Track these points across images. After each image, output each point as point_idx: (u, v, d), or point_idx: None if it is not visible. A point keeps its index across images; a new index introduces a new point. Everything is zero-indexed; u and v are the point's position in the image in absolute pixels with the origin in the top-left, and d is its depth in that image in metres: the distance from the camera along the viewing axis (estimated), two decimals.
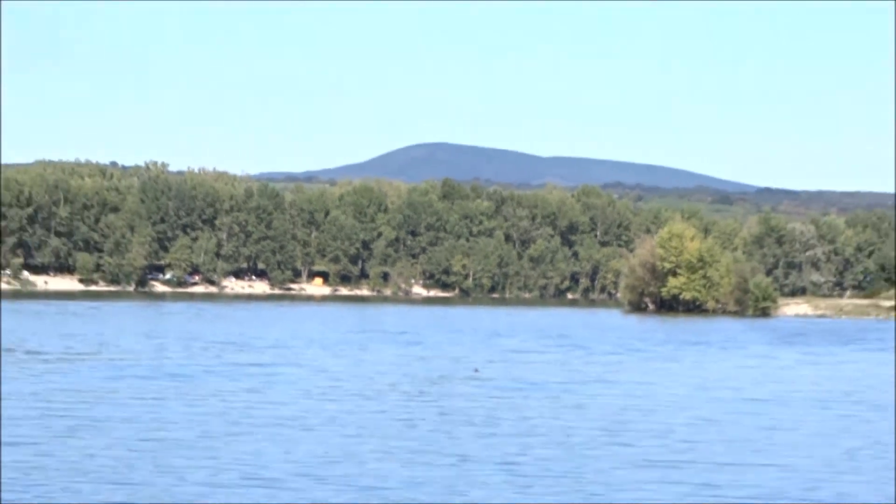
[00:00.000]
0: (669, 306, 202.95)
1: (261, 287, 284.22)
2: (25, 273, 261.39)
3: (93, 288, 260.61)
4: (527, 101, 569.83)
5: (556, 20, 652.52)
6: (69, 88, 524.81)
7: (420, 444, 47.41)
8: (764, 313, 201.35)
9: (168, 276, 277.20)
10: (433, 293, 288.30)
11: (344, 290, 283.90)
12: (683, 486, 39.05)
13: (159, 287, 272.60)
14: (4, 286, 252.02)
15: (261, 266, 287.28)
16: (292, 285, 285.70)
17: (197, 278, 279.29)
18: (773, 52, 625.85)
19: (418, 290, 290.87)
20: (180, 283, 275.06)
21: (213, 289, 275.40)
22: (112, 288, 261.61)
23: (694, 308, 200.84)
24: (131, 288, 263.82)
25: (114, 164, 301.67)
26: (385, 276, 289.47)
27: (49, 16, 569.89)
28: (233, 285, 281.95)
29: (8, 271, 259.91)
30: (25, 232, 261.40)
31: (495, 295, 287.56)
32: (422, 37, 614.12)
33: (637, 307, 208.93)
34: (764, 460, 45.75)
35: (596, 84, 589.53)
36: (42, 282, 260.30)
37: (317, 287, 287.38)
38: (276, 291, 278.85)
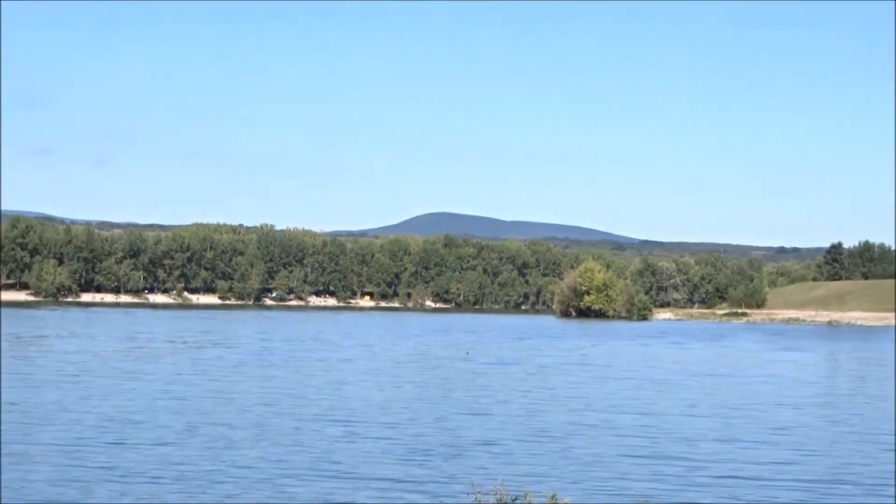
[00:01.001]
0: (585, 314, 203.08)
1: (331, 301, 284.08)
2: (185, 293, 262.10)
3: (227, 302, 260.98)
4: (496, 183, 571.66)
5: (514, 127, 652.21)
6: (212, 175, 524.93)
7: (429, 392, 48.57)
8: (644, 318, 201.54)
9: (273, 294, 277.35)
10: (438, 305, 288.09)
11: (383, 304, 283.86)
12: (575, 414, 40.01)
13: (268, 302, 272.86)
14: (171, 301, 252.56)
15: (332, 288, 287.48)
16: (351, 301, 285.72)
17: (292, 296, 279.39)
18: (648, 148, 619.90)
19: (429, 303, 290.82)
20: (281, 300, 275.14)
21: (301, 303, 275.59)
22: (238, 302, 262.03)
23: (600, 315, 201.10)
24: (250, 302, 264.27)
25: (241, 225, 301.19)
26: (409, 295, 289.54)
27: (201, 121, 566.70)
28: (314, 301, 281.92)
29: (174, 291, 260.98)
30: (186, 267, 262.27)
31: (477, 307, 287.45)
32: (435, 139, 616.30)
33: (565, 314, 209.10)
34: (636, 407, 46.69)
35: (535, 174, 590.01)
36: (195, 298, 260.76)
37: (366, 302, 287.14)
38: (341, 304, 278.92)
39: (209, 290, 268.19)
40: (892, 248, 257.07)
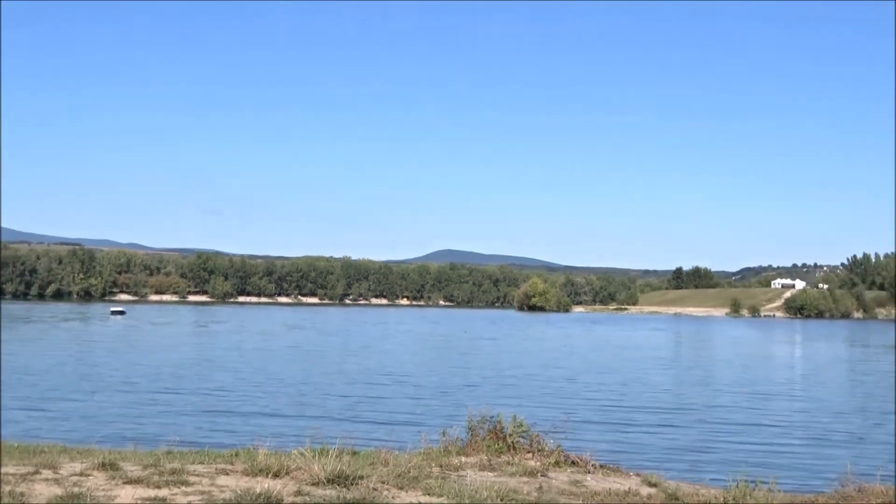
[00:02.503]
0: (532, 308, 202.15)
1: (384, 301, 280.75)
2: (299, 297, 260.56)
3: (323, 302, 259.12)
4: (481, 230, 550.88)
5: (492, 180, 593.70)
6: (313, 225, 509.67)
7: (440, 356, 47.38)
8: (567, 311, 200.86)
9: (350, 297, 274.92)
10: (447, 304, 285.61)
11: (414, 303, 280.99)
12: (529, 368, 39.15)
13: (347, 302, 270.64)
14: (291, 301, 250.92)
15: (384, 294, 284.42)
16: (395, 301, 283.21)
17: (361, 298, 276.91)
18: (571, 204, 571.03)
19: (441, 303, 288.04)
20: (355, 301, 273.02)
21: (366, 302, 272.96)
22: (330, 302, 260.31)
23: (541, 309, 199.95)
24: (337, 302, 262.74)
25: (331, 256, 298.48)
26: (429, 298, 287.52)
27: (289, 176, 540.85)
28: (374, 301, 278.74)
29: (293, 296, 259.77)
30: (299, 281, 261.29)
31: (469, 305, 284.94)
32: (445, 201, 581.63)
33: (521, 309, 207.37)
34: (563, 370, 45.78)
35: (503, 224, 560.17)
36: (305, 300, 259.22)
37: (404, 302, 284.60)
38: (389, 304, 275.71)
39: (313, 294, 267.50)
40: (712, 270, 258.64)
